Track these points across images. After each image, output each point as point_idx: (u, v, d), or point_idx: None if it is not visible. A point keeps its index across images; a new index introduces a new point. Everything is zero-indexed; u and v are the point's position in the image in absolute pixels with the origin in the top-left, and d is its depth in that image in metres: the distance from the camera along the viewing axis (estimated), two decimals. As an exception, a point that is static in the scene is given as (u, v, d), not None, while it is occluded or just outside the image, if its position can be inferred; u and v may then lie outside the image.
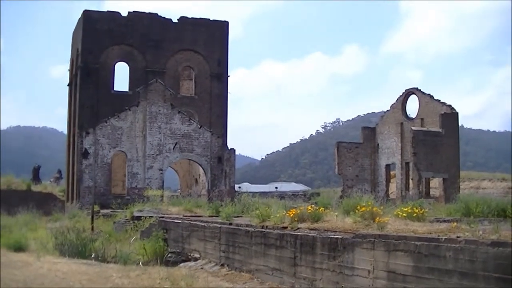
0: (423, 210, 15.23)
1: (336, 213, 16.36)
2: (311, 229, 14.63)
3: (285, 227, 15.58)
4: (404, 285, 10.84)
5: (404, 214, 14.56)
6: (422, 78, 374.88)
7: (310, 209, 16.01)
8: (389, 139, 53.65)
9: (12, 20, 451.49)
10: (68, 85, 59.30)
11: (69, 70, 60.02)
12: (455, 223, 12.08)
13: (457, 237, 10.16)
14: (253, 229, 16.71)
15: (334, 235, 13.19)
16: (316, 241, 13.59)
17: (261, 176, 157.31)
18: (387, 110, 55.21)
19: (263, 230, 16.15)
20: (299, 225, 15.33)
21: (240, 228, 17.61)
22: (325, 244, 13.20)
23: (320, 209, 16.15)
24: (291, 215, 15.93)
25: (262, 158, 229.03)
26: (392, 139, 53.22)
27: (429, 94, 50.47)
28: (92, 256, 21.73)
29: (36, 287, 13.88)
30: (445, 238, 10.24)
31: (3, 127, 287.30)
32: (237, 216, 21.87)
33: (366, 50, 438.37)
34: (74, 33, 58.01)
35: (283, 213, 16.72)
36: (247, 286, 15.26)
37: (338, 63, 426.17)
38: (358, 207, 14.80)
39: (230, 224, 18.94)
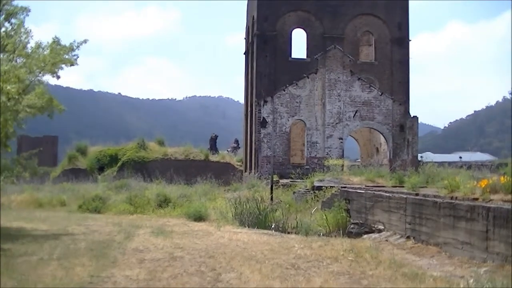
0: None
1: (532, 184, 15.04)
2: (505, 201, 13.44)
3: (476, 199, 14.47)
4: None
5: None
6: None
7: (503, 180, 14.82)
8: None
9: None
10: (244, 53, 59.83)
11: (245, 38, 60.46)
12: None
13: None
14: (441, 200, 15.72)
15: (532, 208, 12.02)
16: (511, 214, 12.46)
17: (444, 145, 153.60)
18: None
19: (452, 201, 15.13)
20: (491, 197, 14.17)
21: (427, 199, 16.63)
22: (522, 218, 12.07)
23: (514, 180, 14.89)
24: (483, 185, 14.80)
25: (445, 126, 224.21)
26: None
27: None
28: (272, 226, 21.71)
29: (218, 255, 13.98)
30: None
31: (180, 97, 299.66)
32: (422, 187, 21.04)
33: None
34: (249, 1, 58.41)
35: (474, 184, 15.62)
36: (435, 259, 14.39)
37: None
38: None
39: (417, 194, 18.04)
